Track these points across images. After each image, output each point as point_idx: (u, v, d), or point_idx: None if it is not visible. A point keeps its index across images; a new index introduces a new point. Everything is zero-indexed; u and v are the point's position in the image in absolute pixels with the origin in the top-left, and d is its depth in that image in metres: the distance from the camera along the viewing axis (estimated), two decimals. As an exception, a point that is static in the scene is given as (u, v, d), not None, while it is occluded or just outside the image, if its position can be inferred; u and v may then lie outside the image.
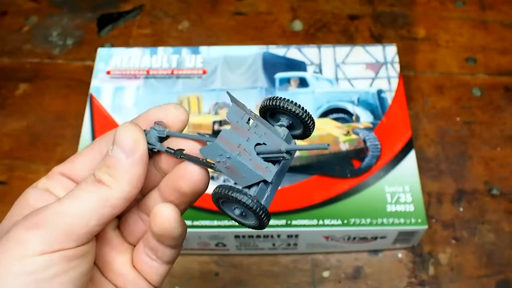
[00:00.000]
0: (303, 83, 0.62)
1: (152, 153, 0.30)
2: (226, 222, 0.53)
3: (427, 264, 0.57)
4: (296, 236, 0.54)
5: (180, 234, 0.28)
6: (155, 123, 0.29)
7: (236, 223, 0.29)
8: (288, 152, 0.26)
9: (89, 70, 0.66)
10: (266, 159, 0.26)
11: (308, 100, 0.61)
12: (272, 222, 0.53)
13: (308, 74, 0.63)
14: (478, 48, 0.72)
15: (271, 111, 0.28)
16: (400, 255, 0.57)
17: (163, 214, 0.28)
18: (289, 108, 0.27)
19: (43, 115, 0.68)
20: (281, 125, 0.28)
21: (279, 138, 0.26)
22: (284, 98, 0.27)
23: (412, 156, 0.56)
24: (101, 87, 0.62)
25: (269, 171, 0.26)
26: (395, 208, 0.53)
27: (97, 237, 0.29)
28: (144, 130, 0.29)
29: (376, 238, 0.54)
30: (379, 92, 0.61)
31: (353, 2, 0.77)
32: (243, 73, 0.63)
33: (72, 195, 0.27)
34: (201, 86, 0.63)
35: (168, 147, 0.29)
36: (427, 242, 0.58)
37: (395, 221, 0.53)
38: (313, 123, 0.27)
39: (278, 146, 0.26)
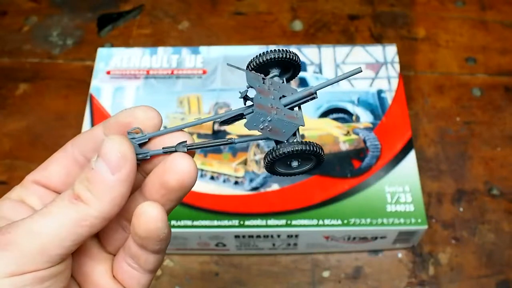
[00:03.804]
0: (303, 83, 0.62)
1: (144, 161, 0.28)
2: (226, 222, 0.53)
3: (427, 264, 0.57)
4: (296, 236, 0.54)
5: (166, 236, 0.26)
6: (128, 133, 0.27)
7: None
8: (317, 90, 0.28)
9: (89, 70, 0.66)
10: (291, 108, 0.28)
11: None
12: (272, 222, 0.53)
13: (308, 74, 0.63)
14: (478, 48, 0.72)
15: (259, 69, 0.29)
16: (400, 255, 0.57)
17: (148, 214, 0.25)
18: (276, 56, 0.28)
19: (43, 115, 0.68)
20: (274, 76, 0.29)
21: (290, 85, 0.29)
22: (265, 52, 0.29)
23: (412, 156, 0.56)
24: (101, 87, 0.62)
25: (300, 117, 0.28)
26: (395, 208, 0.53)
27: None
28: None
29: (376, 238, 0.54)
30: (379, 92, 0.61)
31: (353, 2, 0.77)
32: (243, 73, 0.63)
33: (47, 212, 0.25)
34: (201, 86, 0.62)
35: (164, 147, 0.27)
36: (427, 242, 0.58)
37: (395, 221, 0.53)
38: (298, 57, 0.29)
39: (308, 90, 0.28)
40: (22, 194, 0.28)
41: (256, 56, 0.29)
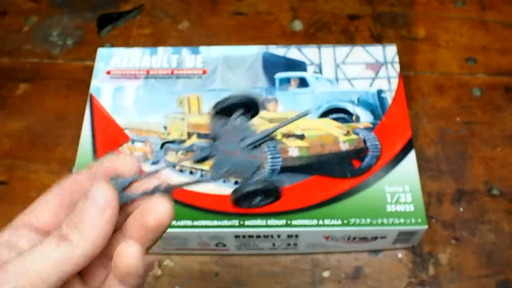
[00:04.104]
0: (303, 83, 0.62)
1: (125, 204, 0.30)
2: (226, 222, 0.53)
3: (427, 264, 0.57)
4: (296, 236, 0.54)
5: (143, 272, 0.29)
6: (111, 179, 0.30)
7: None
8: (273, 132, 0.31)
9: (89, 70, 0.66)
10: (254, 147, 0.31)
11: (308, 100, 0.61)
12: (272, 222, 0.53)
13: (308, 74, 0.63)
14: (478, 48, 0.72)
15: (224, 111, 0.32)
16: (400, 255, 0.57)
17: (129, 252, 0.28)
18: (238, 101, 0.31)
19: (43, 115, 0.68)
20: (237, 116, 0.32)
21: (251, 126, 0.31)
22: (227, 98, 0.31)
23: (412, 156, 0.56)
24: (101, 87, 0.62)
25: (259, 157, 0.31)
26: (395, 208, 0.53)
27: None
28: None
29: (376, 238, 0.54)
30: (379, 92, 0.61)
31: (353, 2, 0.77)
32: (243, 73, 0.63)
33: (33, 251, 0.27)
34: (201, 86, 0.63)
35: (143, 191, 0.30)
36: (427, 242, 0.58)
37: (395, 221, 0.53)
38: (258, 99, 0.31)
39: (267, 132, 0.30)
40: (11, 238, 0.30)
41: (219, 101, 0.31)
